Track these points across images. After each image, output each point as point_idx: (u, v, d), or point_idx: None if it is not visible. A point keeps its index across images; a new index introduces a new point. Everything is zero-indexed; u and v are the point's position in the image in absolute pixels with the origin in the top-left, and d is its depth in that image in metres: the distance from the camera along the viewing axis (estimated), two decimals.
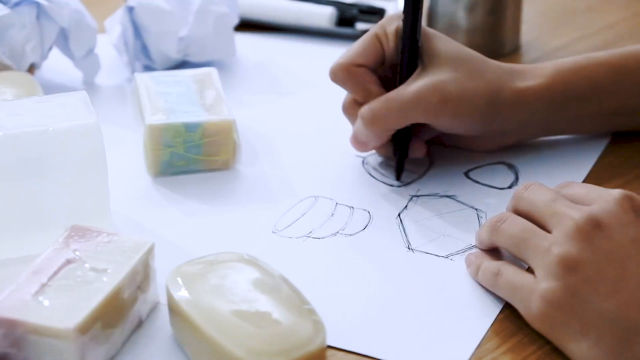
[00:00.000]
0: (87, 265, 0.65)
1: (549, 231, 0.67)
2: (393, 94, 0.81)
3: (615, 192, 0.66)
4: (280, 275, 0.66)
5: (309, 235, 0.77)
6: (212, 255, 0.68)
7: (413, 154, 0.84)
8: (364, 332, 0.67)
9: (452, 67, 0.81)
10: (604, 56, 0.85)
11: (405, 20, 0.80)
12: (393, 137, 0.83)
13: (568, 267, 0.64)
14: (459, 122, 0.82)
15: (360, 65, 0.82)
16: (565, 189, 0.70)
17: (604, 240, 0.64)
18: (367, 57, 0.82)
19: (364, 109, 0.81)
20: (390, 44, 0.82)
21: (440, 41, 0.82)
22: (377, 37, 0.82)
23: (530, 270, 0.67)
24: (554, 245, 0.65)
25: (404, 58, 0.81)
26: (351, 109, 0.84)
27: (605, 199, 0.66)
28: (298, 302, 0.64)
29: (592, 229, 0.64)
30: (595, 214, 0.65)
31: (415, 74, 0.81)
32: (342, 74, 0.82)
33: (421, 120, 0.81)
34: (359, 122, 0.82)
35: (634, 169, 0.85)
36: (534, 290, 0.65)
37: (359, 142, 0.84)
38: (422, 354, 0.65)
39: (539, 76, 0.83)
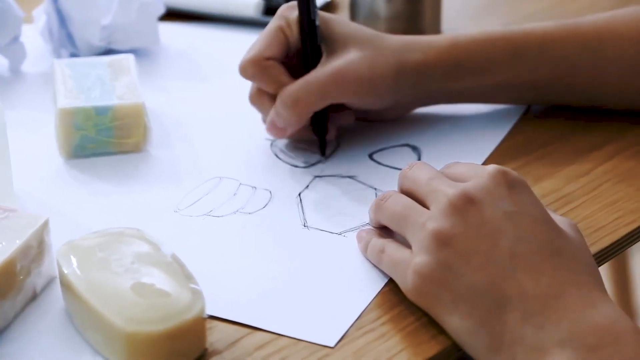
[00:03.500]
0: None
1: (428, 208, 0.68)
2: (311, 77, 0.83)
3: (490, 168, 0.68)
4: (167, 249, 0.68)
5: (208, 213, 0.79)
6: (103, 230, 0.70)
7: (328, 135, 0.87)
8: (249, 304, 0.69)
9: (357, 47, 0.84)
10: (501, 31, 0.88)
11: (300, 5, 0.83)
12: (312, 119, 0.86)
13: (441, 241, 0.66)
14: (372, 98, 0.86)
15: (268, 59, 0.84)
16: (448, 168, 0.72)
17: (476, 215, 0.66)
18: (274, 50, 0.85)
19: (285, 95, 0.83)
20: (293, 33, 0.85)
21: (338, 24, 0.86)
22: (280, 29, 0.85)
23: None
24: (428, 221, 0.67)
25: (306, 43, 0.84)
26: (258, 98, 0.86)
27: (479, 175, 0.68)
28: (181, 274, 0.66)
29: (464, 204, 0.66)
30: (468, 189, 0.67)
31: (323, 57, 0.84)
32: (253, 69, 0.84)
33: (339, 99, 0.85)
34: (277, 108, 0.84)
35: (535, 151, 0.87)
36: (410, 265, 0.67)
37: (277, 129, 0.85)
38: (303, 324, 0.68)
39: (435, 47, 0.87)
